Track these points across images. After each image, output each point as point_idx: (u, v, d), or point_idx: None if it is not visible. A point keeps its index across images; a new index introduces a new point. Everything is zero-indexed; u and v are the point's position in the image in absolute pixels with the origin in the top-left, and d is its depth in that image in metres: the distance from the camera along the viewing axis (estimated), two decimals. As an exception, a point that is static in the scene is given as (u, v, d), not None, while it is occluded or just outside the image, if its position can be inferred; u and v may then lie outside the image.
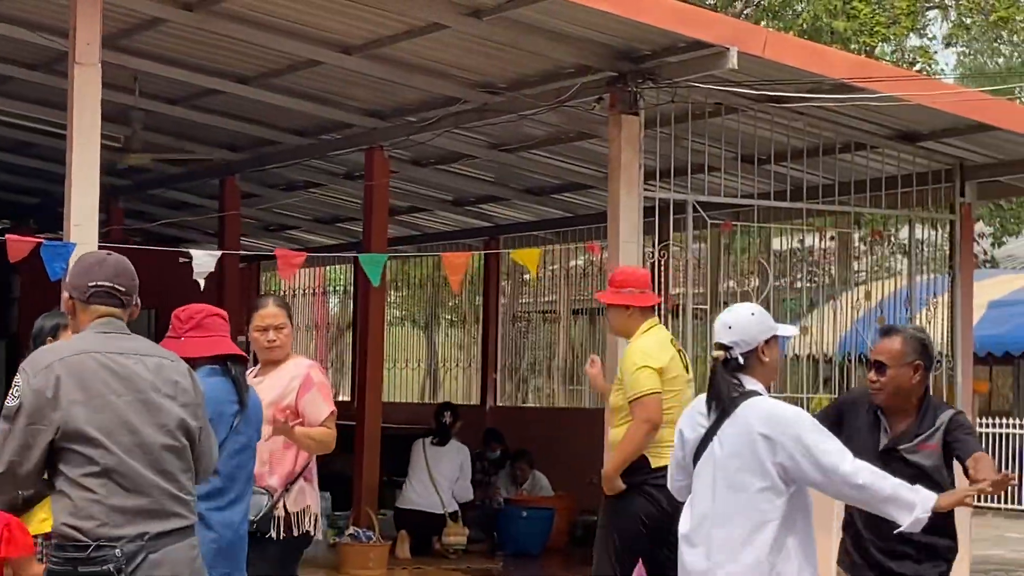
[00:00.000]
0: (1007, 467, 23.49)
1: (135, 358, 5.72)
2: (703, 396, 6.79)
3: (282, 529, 8.26)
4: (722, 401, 6.60)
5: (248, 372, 8.28)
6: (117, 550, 5.51)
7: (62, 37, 11.59)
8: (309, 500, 8.40)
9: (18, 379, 5.74)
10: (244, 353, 7.46)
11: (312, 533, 8.48)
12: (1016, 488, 24.01)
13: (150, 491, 5.57)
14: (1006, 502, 24.15)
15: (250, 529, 8.14)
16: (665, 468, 9.17)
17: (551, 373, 26.19)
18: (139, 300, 5.96)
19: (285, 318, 8.63)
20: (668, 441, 9.33)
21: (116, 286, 5.82)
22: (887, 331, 7.75)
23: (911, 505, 6.43)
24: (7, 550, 6.86)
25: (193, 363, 6.98)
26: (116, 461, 5.50)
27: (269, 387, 8.42)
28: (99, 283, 5.80)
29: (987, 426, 23.98)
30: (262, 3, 13.06)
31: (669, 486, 7.12)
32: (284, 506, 8.27)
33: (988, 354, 24.26)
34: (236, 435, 6.82)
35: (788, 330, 7.01)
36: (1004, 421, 24.54)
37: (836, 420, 7.56)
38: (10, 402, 5.68)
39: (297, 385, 8.36)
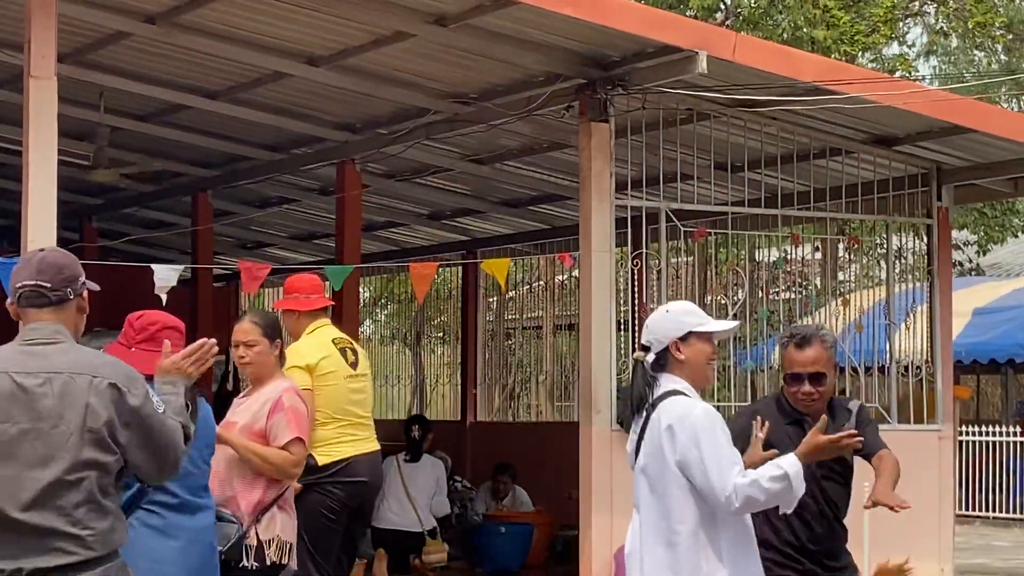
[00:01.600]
0: (995, 475, 23.46)
1: (42, 377, 5.47)
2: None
3: (253, 558, 8.13)
4: (641, 403, 6.60)
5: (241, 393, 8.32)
6: None
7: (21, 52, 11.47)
8: (279, 529, 8.26)
9: None
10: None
11: (285, 562, 8.34)
12: (1005, 496, 24.07)
13: (24, 528, 5.35)
14: (994, 510, 24.13)
15: (221, 559, 8.09)
16: (334, 464, 10.09)
17: (537, 388, 26.27)
18: (83, 292, 5.68)
19: (258, 335, 8.48)
20: (331, 439, 10.14)
21: (40, 283, 5.54)
22: (807, 340, 7.54)
23: (784, 477, 6.33)
24: None
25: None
26: None
27: (245, 409, 8.46)
28: (24, 283, 5.56)
29: (975, 434, 23.98)
30: (226, 15, 13.01)
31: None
32: (256, 534, 8.16)
33: (974, 361, 24.30)
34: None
35: (716, 325, 6.82)
36: (992, 429, 24.47)
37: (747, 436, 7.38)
38: None
39: (268, 409, 8.26)
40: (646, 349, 6.57)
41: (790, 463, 6.35)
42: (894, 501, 6.87)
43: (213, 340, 6.23)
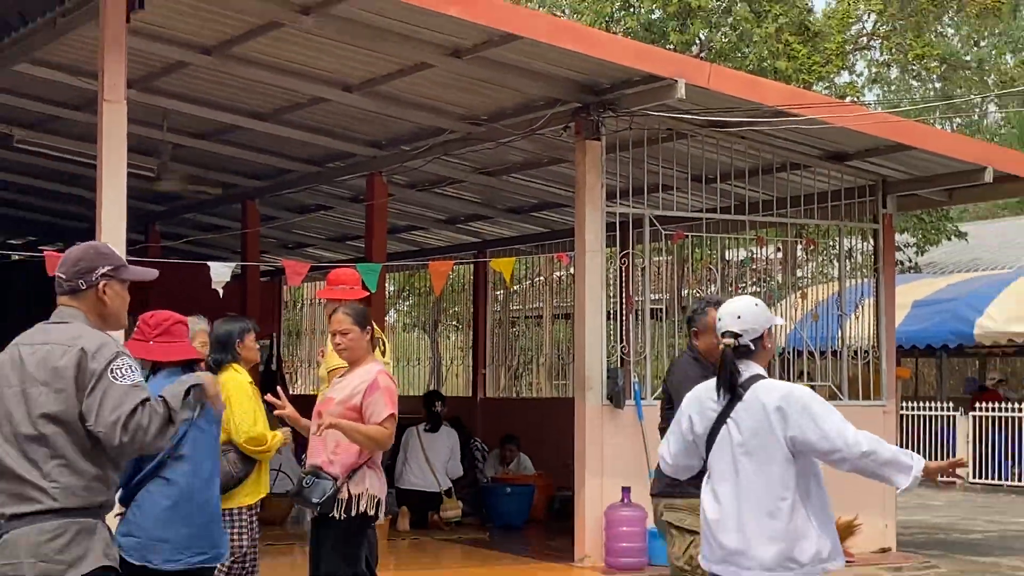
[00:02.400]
0: (932, 444, 23.37)
1: (35, 348, 5.44)
2: (709, 383, 6.62)
3: (343, 510, 8.16)
4: (733, 386, 6.45)
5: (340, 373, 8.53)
6: None
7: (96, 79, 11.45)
8: (368, 484, 8.25)
9: None
10: (203, 357, 7.33)
11: (372, 514, 8.35)
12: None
13: (17, 474, 5.35)
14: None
15: (316, 511, 8.31)
16: None
17: (538, 368, 26.19)
18: (100, 283, 5.67)
19: (350, 324, 8.39)
20: None
21: (59, 275, 5.54)
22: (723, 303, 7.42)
23: (909, 467, 6.24)
24: None
25: (159, 365, 7.03)
26: None
27: (341, 387, 8.41)
28: (55, 276, 5.61)
29: (914, 409, 23.92)
30: (271, 48, 13.01)
31: (671, 465, 6.84)
32: (348, 489, 8.17)
33: (913, 347, 24.25)
34: (195, 425, 6.61)
35: (779, 320, 6.94)
36: (929, 405, 24.43)
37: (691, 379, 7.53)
38: None
39: (364, 388, 8.22)
40: (736, 337, 6.46)
41: (918, 460, 6.30)
42: None
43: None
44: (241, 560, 8.69)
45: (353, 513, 8.21)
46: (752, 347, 6.40)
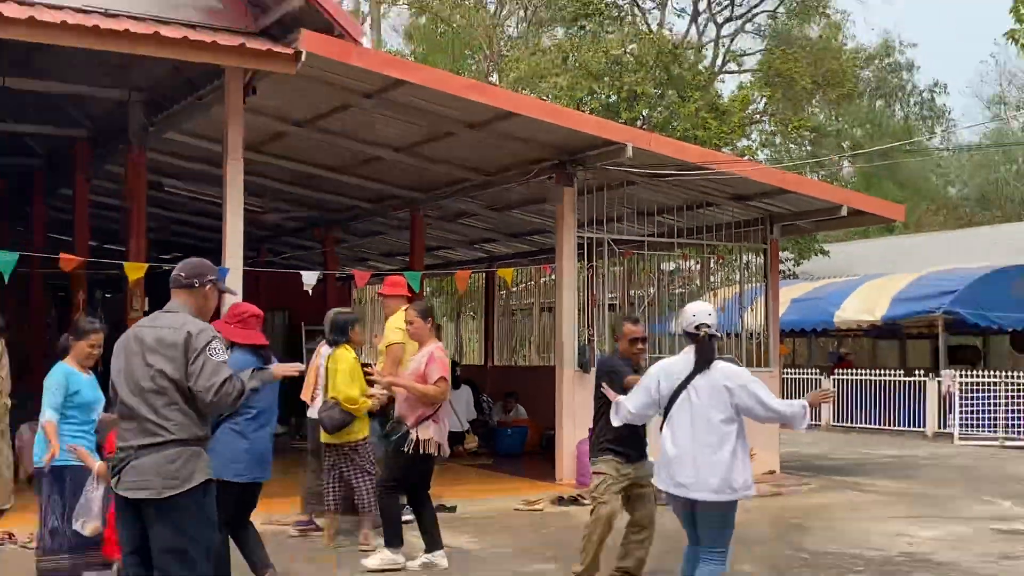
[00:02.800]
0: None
1: (150, 329, 5.46)
2: (675, 359, 6.73)
3: (411, 448, 8.17)
4: (709, 361, 6.49)
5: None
6: (118, 455, 5.41)
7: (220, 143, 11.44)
8: (432, 432, 8.24)
9: None
10: (266, 342, 7.29)
11: (433, 454, 8.31)
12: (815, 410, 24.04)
13: (143, 416, 5.36)
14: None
15: (392, 446, 8.40)
16: None
17: (530, 345, 26.21)
18: (207, 287, 5.64)
19: (415, 316, 8.53)
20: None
21: (179, 274, 5.57)
22: (638, 319, 8.23)
23: (804, 415, 6.50)
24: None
25: (233, 343, 6.93)
26: (122, 398, 5.39)
27: (414, 360, 8.48)
28: (175, 274, 5.61)
29: (792, 374, 23.88)
30: (344, 122, 13.05)
31: (632, 413, 6.85)
32: (417, 435, 8.16)
33: (792, 330, 24.22)
34: (255, 391, 6.57)
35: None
36: (803, 371, 24.42)
37: (622, 372, 7.67)
38: None
39: (425, 360, 8.28)
40: (709, 327, 6.53)
41: (803, 403, 6.57)
42: None
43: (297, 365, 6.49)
44: (371, 465, 9.08)
45: (420, 452, 8.21)
46: (718, 335, 6.65)
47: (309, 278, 12.09)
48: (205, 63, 10.41)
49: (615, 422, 6.99)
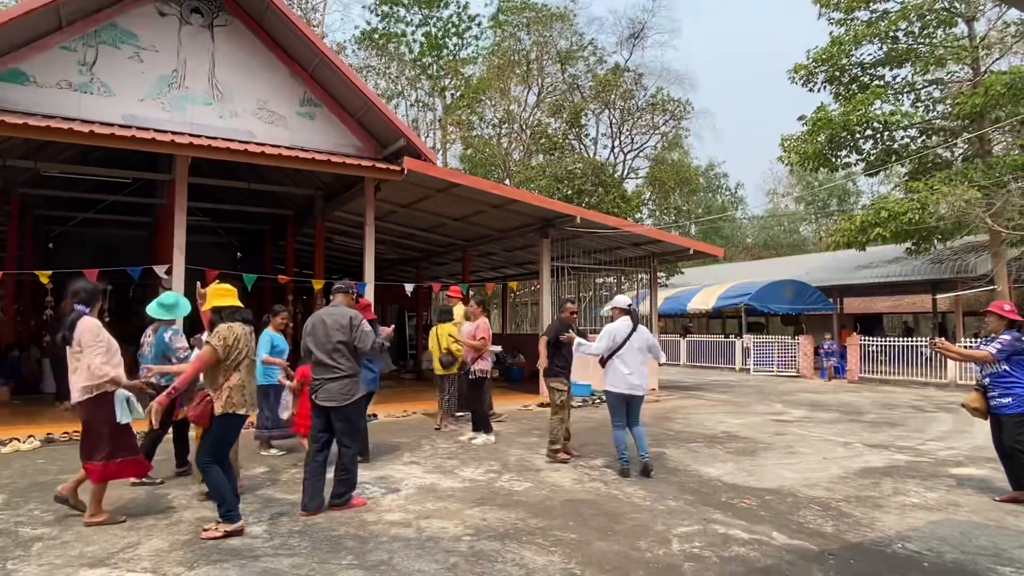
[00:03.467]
0: (670, 353, 23.26)
1: (328, 315, 5.43)
2: (620, 322, 6.53)
3: (469, 374, 7.98)
4: (636, 324, 6.49)
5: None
6: (316, 385, 5.35)
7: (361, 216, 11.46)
8: (482, 365, 8.00)
9: None
10: (375, 316, 7.04)
11: (484, 376, 7.92)
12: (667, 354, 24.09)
13: (329, 363, 5.30)
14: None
15: (451, 371, 8.07)
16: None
17: (526, 322, 26.03)
18: (353, 293, 5.62)
19: (475, 306, 8.37)
20: (459, 350, 8.89)
21: (339, 286, 5.57)
22: (572, 299, 7.39)
23: (662, 355, 6.69)
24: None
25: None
26: (315, 353, 5.32)
27: (470, 327, 8.21)
28: (336, 288, 5.60)
29: (664, 338, 23.73)
30: (425, 204, 12.80)
31: (599, 353, 6.60)
32: (472, 366, 7.96)
33: (665, 315, 24.06)
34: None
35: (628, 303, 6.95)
36: (670, 335, 24.24)
37: (563, 330, 7.11)
38: None
39: (476, 327, 8.09)
40: (629, 306, 6.49)
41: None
42: None
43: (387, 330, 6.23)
44: (455, 388, 8.69)
45: (473, 376, 7.99)
46: (634, 311, 6.57)
47: (409, 288, 12.10)
48: (355, 175, 10.49)
49: (577, 354, 6.88)
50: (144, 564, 4.53)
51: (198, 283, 6.01)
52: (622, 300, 6.75)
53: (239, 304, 5.15)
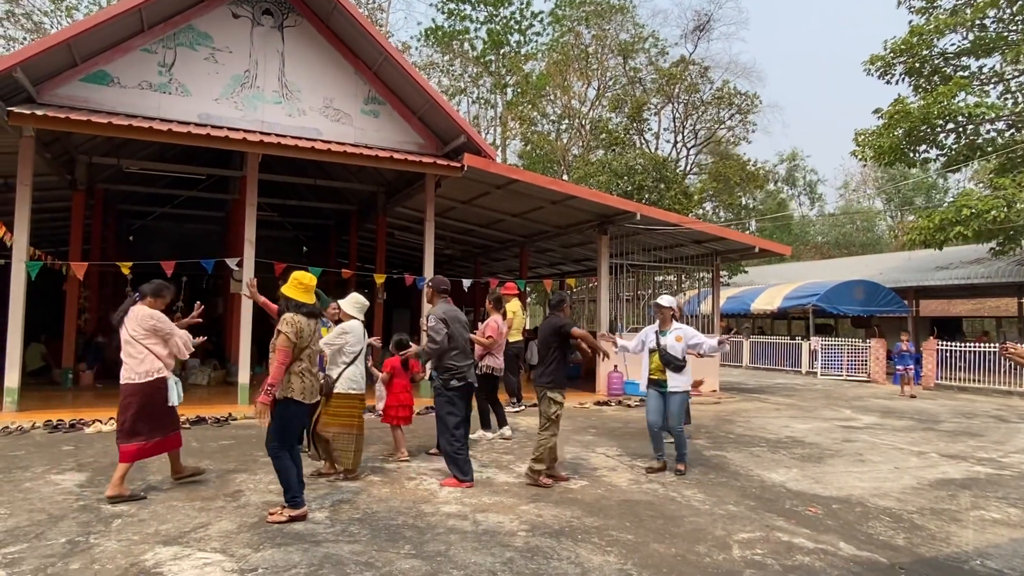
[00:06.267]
0: (735, 349, 22.73)
1: (457, 314, 5.72)
2: (652, 326, 6.55)
3: (479, 372, 7.87)
4: (671, 325, 6.49)
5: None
6: (464, 370, 5.63)
7: (421, 211, 11.60)
8: (491, 362, 7.86)
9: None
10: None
11: (491, 373, 7.82)
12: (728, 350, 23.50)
13: (467, 350, 5.59)
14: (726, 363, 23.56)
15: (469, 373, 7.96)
16: (515, 342, 9.00)
17: (583, 319, 25.82)
18: (444, 291, 5.81)
19: (495, 303, 8.38)
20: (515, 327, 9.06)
21: (431, 283, 5.78)
22: (562, 300, 6.34)
23: (718, 347, 6.46)
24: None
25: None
26: (457, 340, 5.58)
27: (482, 325, 8.17)
28: (440, 287, 5.75)
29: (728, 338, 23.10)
30: (484, 200, 12.86)
31: (632, 350, 6.48)
32: (482, 364, 7.85)
33: (728, 314, 23.51)
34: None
35: (676, 304, 6.89)
36: (734, 338, 23.56)
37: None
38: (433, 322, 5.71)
39: (487, 324, 8.05)
40: (672, 308, 6.47)
41: (718, 340, 6.46)
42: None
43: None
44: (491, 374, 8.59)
45: (484, 372, 7.85)
46: (677, 312, 6.56)
47: (467, 284, 12.15)
48: (417, 172, 10.62)
49: (627, 354, 6.67)
50: (214, 544, 4.69)
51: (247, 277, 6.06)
52: (664, 300, 6.67)
53: (310, 300, 5.08)
